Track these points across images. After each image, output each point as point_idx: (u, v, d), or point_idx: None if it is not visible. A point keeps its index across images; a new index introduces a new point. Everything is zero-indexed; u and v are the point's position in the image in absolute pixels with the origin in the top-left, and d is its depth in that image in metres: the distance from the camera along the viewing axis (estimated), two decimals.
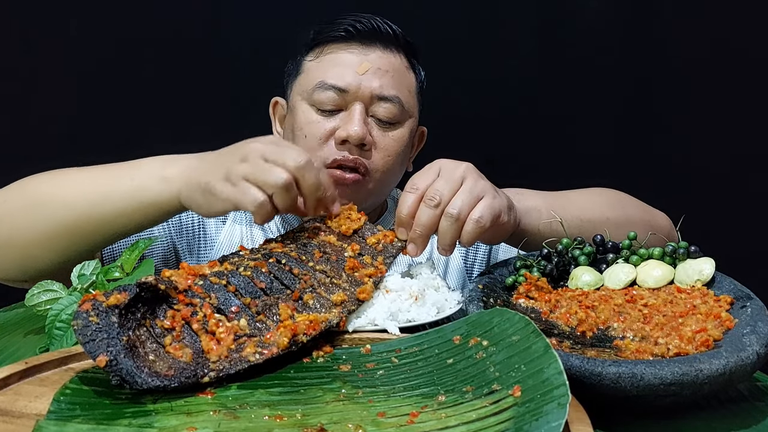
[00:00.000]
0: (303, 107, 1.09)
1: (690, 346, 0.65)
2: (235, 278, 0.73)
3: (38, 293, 0.83)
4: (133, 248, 0.88)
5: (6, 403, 0.57)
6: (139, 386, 0.58)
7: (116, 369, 0.58)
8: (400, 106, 1.08)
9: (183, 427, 0.52)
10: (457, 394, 0.57)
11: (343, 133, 1.04)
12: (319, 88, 1.07)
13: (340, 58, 1.09)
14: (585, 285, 0.82)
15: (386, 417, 0.54)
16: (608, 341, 0.71)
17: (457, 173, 0.85)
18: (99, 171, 0.94)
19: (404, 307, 0.79)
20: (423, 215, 0.83)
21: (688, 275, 0.78)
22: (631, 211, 1.05)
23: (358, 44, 1.09)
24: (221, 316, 0.68)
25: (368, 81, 1.06)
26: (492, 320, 0.65)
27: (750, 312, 0.68)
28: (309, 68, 1.11)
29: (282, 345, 0.67)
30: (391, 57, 1.10)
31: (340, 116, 1.07)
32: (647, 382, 0.58)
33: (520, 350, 0.58)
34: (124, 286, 0.64)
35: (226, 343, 0.65)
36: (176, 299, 0.67)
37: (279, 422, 0.54)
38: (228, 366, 0.63)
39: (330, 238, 0.86)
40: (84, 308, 0.61)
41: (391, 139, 1.09)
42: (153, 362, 0.61)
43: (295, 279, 0.76)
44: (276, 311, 0.72)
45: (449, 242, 0.84)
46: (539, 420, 0.49)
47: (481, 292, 0.77)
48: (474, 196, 0.83)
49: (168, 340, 0.64)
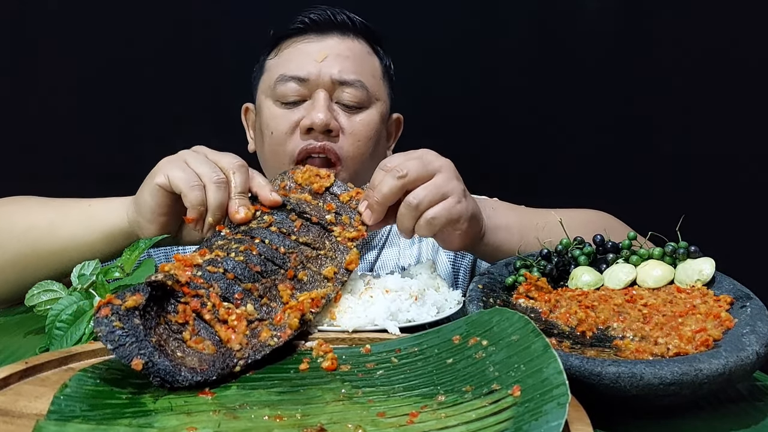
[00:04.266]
0: (267, 104, 1.10)
1: (690, 346, 0.65)
2: (231, 265, 0.73)
3: (38, 293, 0.83)
4: (134, 248, 0.88)
5: (6, 403, 0.57)
6: (180, 384, 0.59)
7: (154, 370, 0.58)
8: (363, 90, 1.08)
9: (183, 427, 0.52)
10: (457, 393, 0.57)
11: (308, 121, 1.04)
12: (280, 81, 1.07)
13: (297, 49, 1.10)
14: (585, 285, 0.82)
15: (386, 417, 0.54)
16: (608, 341, 0.71)
17: (433, 164, 0.84)
18: (53, 204, 0.96)
19: (404, 307, 0.79)
20: (385, 184, 0.83)
21: (688, 275, 0.78)
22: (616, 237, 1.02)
23: (314, 34, 1.10)
24: (229, 304, 0.70)
25: (328, 67, 1.07)
26: (492, 320, 0.64)
27: (750, 312, 0.68)
28: (270, 66, 1.13)
29: (294, 326, 0.70)
30: (350, 42, 1.11)
31: (304, 106, 1.07)
32: (647, 381, 0.58)
33: (520, 350, 0.58)
34: (135, 286, 0.65)
35: (242, 330, 0.67)
36: (181, 292, 0.68)
37: (279, 422, 0.54)
38: (252, 353, 0.65)
39: (305, 196, 0.87)
40: (103, 314, 0.60)
41: (358, 123, 1.08)
42: (182, 358, 0.62)
43: (284, 258, 0.78)
44: (276, 293, 0.74)
45: (404, 228, 0.85)
46: (539, 420, 0.49)
47: (480, 292, 0.77)
48: (439, 193, 0.83)
49: (187, 335, 0.65)
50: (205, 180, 0.82)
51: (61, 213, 0.93)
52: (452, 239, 0.89)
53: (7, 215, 0.95)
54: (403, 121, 1.22)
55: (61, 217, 0.92)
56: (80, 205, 0.95)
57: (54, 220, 0.92)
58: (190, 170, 0.83)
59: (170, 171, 0.83)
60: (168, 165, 0.85)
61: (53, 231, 0.91)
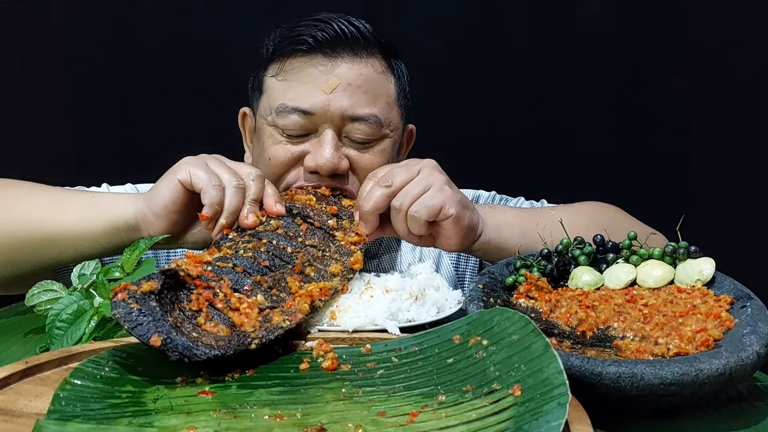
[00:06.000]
0: (268, 131, 0.98)
1: (690, 346, 0.65)
2: (240, 260, 0.76)
3: (38, 293, 0.83)
4: (134, 248, 0.87)
5: (6, 402, 0.57)
6: (198, 358, 0.60)
7: (172, 346, 0.60)
8: (376, 125, 0.96)
9: (183, 426, 0.52)
10: (457, 393, 0.57)
11: (311, 162, 0.94)
12: (282, 111, 0.95)
13: (303, 74, 0.96)
14: (585, 285, 0.82)
15: (386, 417, 0.54)
16: (608, 341, 0.71)
17: (416, 166, 0.88)
18: (57, 191, 0.95)
19: (404, 307, 0.79)
20: (373, 193, 0.86)
21: (688, 275, 0.78)
22: (619, 230, 0.96)
23: (322, 56, 0.96)
24: (240, 294, 0.72)
25: (338, 100, 0.94)
26: (492, 320, 0.64)
27: (750, 312, 0.68)
28: (271, 87, 0.99)
29: (304, 310, 0.72)
30: (362, 66, 0.97)
31: (309, 141, 0.96)
32: (647, 382, 0.58)
33: (520, 350, 0.58)
34: (148, 275, 0.67)
35: (254, 316, 0.69)
36: (193, 285, 0.70)
37: (279, 422, 0.54)
38: (266, 333, 0.67)
39: (310, 198, 0.90)
40: (120, 298, 0.63)
41: (370, 157, 0.97)
42: (198, 338, 0.63)
43: (291, 256, 0.81)
44: (285, 284, 0.76)
45: (400, 232, 0.88)
46: (539, 419, 0.49)
47: (481, 292, 0.77)
48: (419, 188, 0.85)
49: (201, 320, 0.67)
50: (225, 183, 0.84)
51: (63, 199, 0.92)
52: (448, 236, 0.89)
53: (8, 196, 0.93)
54: (415, 131, 1.13)
55: (63, 203, 0.91)
56: (85, 194, 0.95)
57: (54, 205, 0.90)
58: (212, 171, 0.85)
59: (193, 169, 0.85)
60: (191, 163, 0.86)
61: (52, 216, 0.89)
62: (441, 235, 0.90)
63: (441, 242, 0.91)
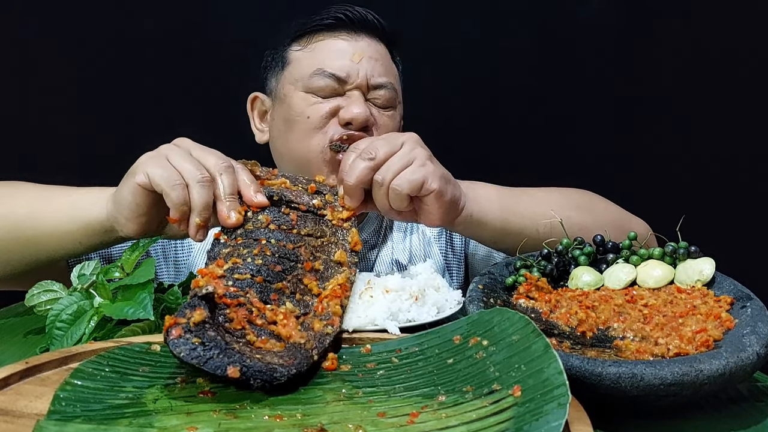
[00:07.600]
0: (298, 95, 1.09)
1: (690, 347, 0.65)
2: (254, 269, 0.74)
3: (38, 293, 0.83)
4: (134, 248, 0.88)
5: (6, 402, 0.57)
6: (278, 381, 0.59)
7: (251, 374, 0.59)
8: (393, 91, 1.11)
9: (183, 427, 0.52)
10: (458, 394, 0.57)
11: (347, 114, 1.05)
12: (318, 74, 1.08)
13: (332, 45, 1.11)
14: (585, 285, 0.82)
15: (386, 417, 0.54)
16: (608, 341, 0.71)
17: (398, 140, 0.88)
18: (38, 190, 0.94)
19: (404, 307, 0.79)
20: (356, 166, 0.86)
21: (688, 275, 0.78)
22: (600, 214, 1.04)
23: (346, 32, 1.11)
24: (272, 306, 0.71)
25: (363, 69, 1.09)
26: (492, 320, 0.64)
27: (750, 312, 0.68)
28: (299, 58, 1.12)
29: (338, 312, 0.73)
30: (378, 45, 1.13)
31: (337, 100, 1.08)
32: (647, 382, 0.58)
33: (520, 350, 0.58)
34: (187, 302, 0.63)
35: (294, 326, 0.68)
36: (223, 304, 0.68)
37: (279, 422, 0.54)
38: (319, 343, 0.67)
39: (283, 182, 0.87)
40: (176, 334, 0.60)
41: (389, 118, 1.11)
42: (262, 358, 0.61)
43: (295, 253, 0.79)
44: (304, 287, 0.76)
45: (381, 207, 0.88)
46: (539, 420, 0.49)
47: (481, 292, 0.77)
48: (401, 162, 0.86)
49: (252, 338, 0.66)
50: (188, 178, 0.78)
51: (44, 199, 0.91)
52: (430, 211, 0.88)
53: None
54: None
55: (43, 204, 0.90)
56: (63, 192, 0.92)
57: (35, 207, 0.90)
58: (171, 168, 0.79)
59: (150, 169, 0.79)
60: (148, 162, 0.80)
61: (34, 218, 0.89)
62: (423, 210, 0.89)
63: (423, 217, 0.91)
